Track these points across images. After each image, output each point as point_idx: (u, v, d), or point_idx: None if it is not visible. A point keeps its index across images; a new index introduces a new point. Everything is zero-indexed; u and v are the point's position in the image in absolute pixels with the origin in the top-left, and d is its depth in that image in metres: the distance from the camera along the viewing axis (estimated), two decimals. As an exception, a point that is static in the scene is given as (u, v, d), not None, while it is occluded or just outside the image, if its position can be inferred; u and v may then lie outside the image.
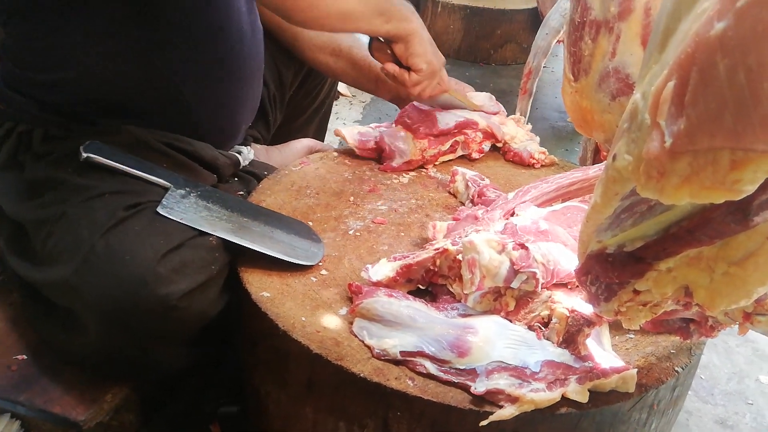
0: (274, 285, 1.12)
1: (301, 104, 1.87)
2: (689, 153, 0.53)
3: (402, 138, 1.51)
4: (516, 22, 4.10)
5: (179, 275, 1.08)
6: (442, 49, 1.52)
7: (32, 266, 1.15)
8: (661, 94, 0.55)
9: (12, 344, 1.21)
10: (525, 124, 1.67)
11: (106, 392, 1.15)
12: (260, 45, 1.46)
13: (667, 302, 0.82)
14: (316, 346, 1.00)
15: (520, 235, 1.08)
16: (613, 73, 1.31)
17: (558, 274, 1.04)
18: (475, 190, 1.36)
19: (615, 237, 0.77)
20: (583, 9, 1.33)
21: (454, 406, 0.92)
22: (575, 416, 0.93)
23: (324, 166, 1.51)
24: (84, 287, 1.05)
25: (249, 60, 1.38)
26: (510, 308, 1.04)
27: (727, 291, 0.71)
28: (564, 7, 2.32)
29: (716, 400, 1.72)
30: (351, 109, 3.28)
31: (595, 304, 0.86)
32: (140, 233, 1.08)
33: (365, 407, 0.98)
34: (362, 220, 1.32)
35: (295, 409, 1.09)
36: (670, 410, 1.09)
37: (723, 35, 0.49)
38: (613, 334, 1.07)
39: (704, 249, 0.70)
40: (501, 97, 1.72)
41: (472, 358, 0.97)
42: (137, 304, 1.04)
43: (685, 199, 0.55)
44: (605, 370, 0.95)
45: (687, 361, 1.04)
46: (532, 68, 2.46)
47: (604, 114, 1.36)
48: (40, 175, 1.18)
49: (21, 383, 1.14)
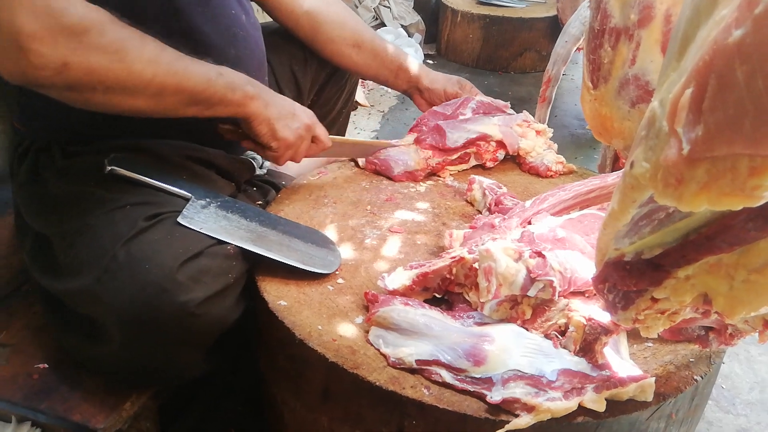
0: (291, 293, 1.13)
1: (319, 113, 1.85)
2: (707, 160, 0.52)
3: (402, 152, 1.52)
4: (535, 30, 4.11)
5: (198, 283, 1.09)
6: (461, 59, 1.51)
7: (55, 277, 1.17)
8: (678, 101, 0.55)
9: (33, 353, 1.23)
10: (548, 134, 1.66)
11: (125, 400, 1.16)
12: (257, 46, 1.44)
13: (685, 310, 0.81)
14: (332, 354, 1.00)
15: (537, 243, 1.08)
16: (632, 80, 1.31)
17: (575, 282, 1.04)
18: (492, 198, 1.36)
19: (633, 244, 0.76)
20: (603, 16, 1.33)
21: (469, 414, 0.91)
22: (592, 425, 0.93)
23: (341, 176, 1.51)
24: (105, 295, 1.06)
25: (246, 60, 1.37)
26: (526, 316, 1.04)
27: (747, 298, 0.70)
28: (584, 14, 2.31)
29: (738, 410, 1.70)
30: (369, 119, 3.29)
31: (613, 312, 0.85)
32: (160, 242, 1.09)
33: (381, 416, 0.98)
34: (379, 229, 1.32)
35: (311, 417, 1.09)
36: (689, 420, 1.08)
37: (741, 42, 0.49)
38: (631, 343, 1.06)
39: (723, 256, 0.69)
40: (520, 105, 1.72)
41: (488, 366, 0.96)
42: (157, 311, 1.05)
43: (704, 206, 0.55)
44: (623, 378, 0.94)
45: (706, 370, 1.02)
46: (551, 76, 2.45)
47: (623, 121, 1.36)
48: (63, 190, 1.20)
49: (42, 391, 1.16)
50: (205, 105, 1.18)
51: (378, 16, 4.16)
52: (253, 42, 1.41)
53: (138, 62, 1.06)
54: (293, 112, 1.32)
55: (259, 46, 1.44)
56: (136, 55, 1.06)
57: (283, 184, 1.49)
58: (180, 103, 1.15)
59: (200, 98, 1.16)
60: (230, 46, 1.32)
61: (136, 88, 1.08)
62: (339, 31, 1.66)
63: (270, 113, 1.26)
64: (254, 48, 1.41)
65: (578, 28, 2.35)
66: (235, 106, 1.21)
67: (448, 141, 1.52)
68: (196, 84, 1.14)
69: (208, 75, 1.16)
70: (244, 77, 1.23)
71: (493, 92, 3.68)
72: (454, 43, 4.24)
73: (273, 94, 1.30)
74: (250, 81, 1.24)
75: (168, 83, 1.10)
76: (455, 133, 1.54)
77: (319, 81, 1.79)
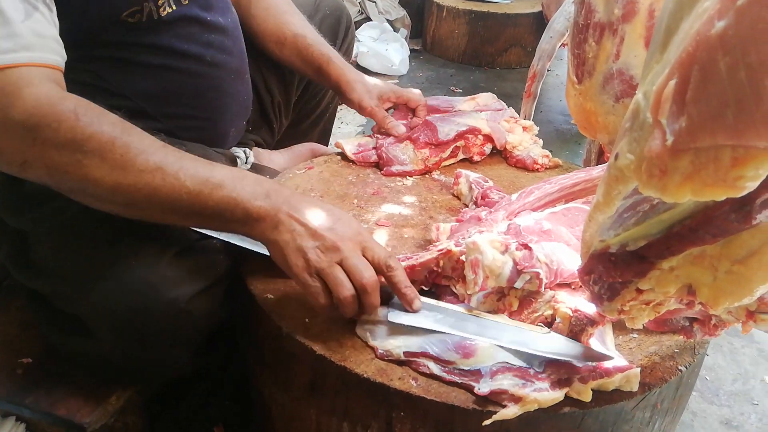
0: (277, 287, 1.13)
1: (306, 108, 1.86)
2: (691, 151, 0.53)
3: (401, 148, 1.52)
4: (521, 25, 4.12)
5: (186, 278, 1.08)
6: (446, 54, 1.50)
7: (37, 276, 1.15)
8: (662, 92, 0.56)
9: (18, 347, 1.22)
10: (534, 130, 1.66)
11: (110, 395, 1.15)
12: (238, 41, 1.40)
13: (670, 301, 0.82)
14: (319, 347, 1.00)
15: (523, 235, 1.09)
16: (617, 74, 1.32)
17: (561, 274, 1.05)
18: (479, 192, 1.36)
19: (618, 236, 0.77)
20: (588, 11, 1.34)
21: (457, 405, 0.92)
22: (578, 415, 0.93)
23: (328, 170, 1.51)
24: (92, 293, 1.05)
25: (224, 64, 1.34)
26: (513, 308, 1.04)
27: (731, 289, 0.71)
28: (569, 10, 2.33)
29: (721, 400, 1.72)
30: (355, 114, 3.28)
31: (598, 303, 0.86)
32: (146, 237, 1.08)
33: (369, 408, 0.99)
34: (366, 222, 1.32)
35: (299, 410, 1.09)
36: (673, 409, 1.09)
37: (724, 34, 0.49)
38: (616, 334, 1.07)
39: (707, 247, 0.70)
40: (505, 101, 1.72)
41: (477, 359, 0.97)
42: (146, 308, 1.04)
43: (687, 196, 0.55)
44: (608, 369, 0.95)
45: (690, 360, 1.03)
46: (536, 72, 2.46)
47: (608, 116, 1.37)
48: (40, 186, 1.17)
49: (26, 386, 1.15)
50: (199, 218, 1.02)
51: (363, 11, 4.15)
52: (231, 41, 1.37)
53: (97, 168, 0.93)
54: (326, 226, 1.01)
55: (237, 45, 1.41)
56: (96, 159, 0.93)
57: (267, 177, 1.48)
58: (163, 214, 1.00)
59: (188, 212, 0.99)
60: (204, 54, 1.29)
61: (98, 195, 0.97)
62: (263, 25, 1.57)
63: (280, 237, 1.01)
64: (234, 46, 1.38)
65: (563, 23, 2.36)
66: (237, 225, 1.03)
67: (440, 134, 1.52)
68: (179, 198, 0.97)
69: (199, 188, 0.98)
70: (260, 191, 1.02)
71: (479, 88, 3.68)
72: (440, 39, 4.24)
73: (301, 204, 1.03)
74: (267, 194, 1.02)
75: (137, 197, 0.96)
76: (446, 126, 1.54)
77: (305, 79, 1.76)
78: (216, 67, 1.32)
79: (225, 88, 1.36)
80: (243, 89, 1.44)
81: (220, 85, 1.34)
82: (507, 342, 0.98)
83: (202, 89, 1.30)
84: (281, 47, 1.58)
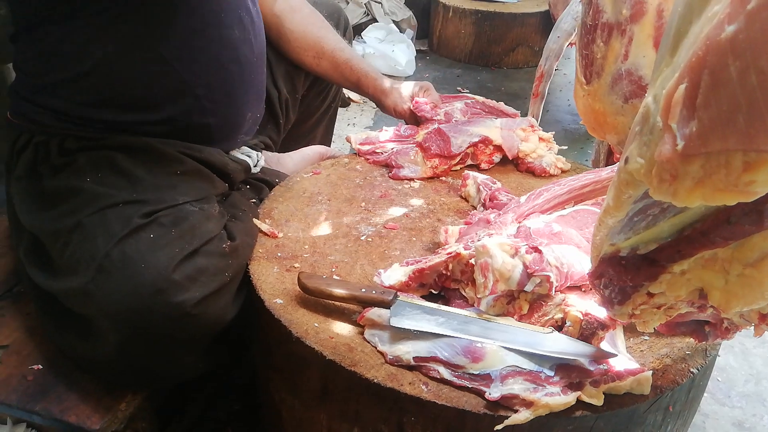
0: (287, 291, 1.13)
1: (311, 106, 1.91)
2: (701, 155, 0.53)
3: (412, 159, 1.52)
4: (527, 25, 4.10)
5: (194, 282, 1.08)
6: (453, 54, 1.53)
7: (50, 276, 1.16)
8: (672, 97, 0.55)
9: (28, 354, 1.23)
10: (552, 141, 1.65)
11: (120, 401, 1.15)
12: (260, 31, 1.47)
13: (681, 304, 0.81)
14: (329, 352, 1.00)
15: (533, 238, 1.08)
16: (625, 75, 1.31)
17: (572, 277, 1.04)
18: (487, 194, 1.36)
19: (628, 240, 0.77)
20: (595, 12, 1.33)
21: (468, 410, 0.92)
22: (590, 419, 0.93)
23: (335, 173, 1.51)
24: (100, 295, 1.06)
25: (248, 45, 1.38)
26: (523, 312, 1.04)
27: (743, 293, 0.70)
28: (576, 10, 2.32)
29: (733, 402, 1.71)
30: (362, 114, 3.28)
31: (609, 307, 0.85)
32: (155, 241, 1.09)
33: (379, 413, 0.98)
34: (374, 225, 1.32)
35: (309, 415, 1.09)
36: (685, 412, 1.09)
37: (734, 38, 0.49)
38: (627, 337, 1.07)
39: (719, 251, 0.70)
40: (513, 101, 1.73)
41: (486, 363, 0.96)
42: (153, 312, 1.05)
43: (698, 201, 0.55)
44: (620, 372, 0.95)
45: (702, 363, 1.03)
46: (544, 71, 2.45)
47: (616, 116, 1.36)
48: (55, 186, 1.19)
49: (37, 393, 1.15)
50: None
51: (369, 12, 4.15)
52: (257, 28, 1.43)
53: None
54: None
55: (260, 35, 1.46)
56: None
57: (276, 181, 1.49)
58: None
59: None
60: (234, 26, 1.34)
61: None
62: (301, 40, 1.72)
63: None
64: (257, 34, 1.43)
65: (570, 23, 2.35)
66: None
67: (453, 147, 1.53)
68: None
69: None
70: None
71: (486, 88, 3.68)
72: (446, 39, 4.24)
73: None
74: None
75: None
76: (459, 137, 1.54)
77: (311, 77, 1.83)
78: (243, 44, 1.36)
79: (248, 68, 1.39)
80: (260, 78, 1.50)
81: (244, 63, 1.38)
82: (511, 343, 0.98)
83: (226, 61, 1.34)
84: (319, 61, 1.75)
